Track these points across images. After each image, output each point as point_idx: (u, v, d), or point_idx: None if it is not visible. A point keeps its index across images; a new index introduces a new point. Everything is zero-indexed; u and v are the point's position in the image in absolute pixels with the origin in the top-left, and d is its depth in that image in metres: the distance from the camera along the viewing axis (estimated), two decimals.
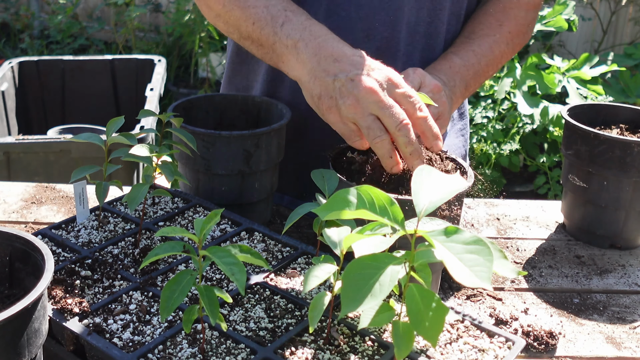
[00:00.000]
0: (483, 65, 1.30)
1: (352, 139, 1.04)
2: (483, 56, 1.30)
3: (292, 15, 1.13)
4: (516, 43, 1.36)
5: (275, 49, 1.13)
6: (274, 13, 1.13)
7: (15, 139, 2.49)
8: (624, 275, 1.25)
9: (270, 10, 1.13)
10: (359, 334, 0.89)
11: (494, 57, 1.32)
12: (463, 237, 0.69)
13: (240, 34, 1.19)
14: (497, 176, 3.49)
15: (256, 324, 0.90)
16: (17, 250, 0.89)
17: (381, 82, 1.02)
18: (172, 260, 1.04)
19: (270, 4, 1.15)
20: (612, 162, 1.25)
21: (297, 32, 1.10)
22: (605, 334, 1.08)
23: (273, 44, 1.13)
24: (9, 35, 5.78)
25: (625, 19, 4.76)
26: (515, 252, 1.31)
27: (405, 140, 1.00)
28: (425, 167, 0.77)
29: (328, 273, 0.82)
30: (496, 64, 1.34)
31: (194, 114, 1.30)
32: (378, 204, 0.73)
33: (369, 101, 1.00)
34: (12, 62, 3.34)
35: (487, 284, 0.65)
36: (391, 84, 1.03)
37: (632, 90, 3.55)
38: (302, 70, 1.09)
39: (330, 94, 1.04)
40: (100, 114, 3.49)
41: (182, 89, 4.82)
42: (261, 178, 1.23)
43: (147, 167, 1.06)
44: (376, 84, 1.01)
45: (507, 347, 0.88)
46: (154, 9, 5.22)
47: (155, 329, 0.88)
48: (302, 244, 1.08)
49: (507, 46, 1.34)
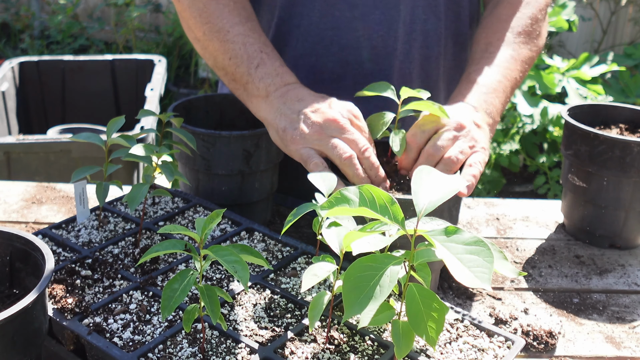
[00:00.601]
0: (510, 77, 1.23)
1: (310, 160, 1.04)
2: (507, 68, 1.23)
3: (267, 58, 1.17)
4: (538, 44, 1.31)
5: (247, 88, 1.17)
6: (250, 53, 1.17)
7: (15, 139, 2.49)
8: (624, 275, 1.25)
9: (247, 49, 1.17)
10: (359, 334, 0.89)
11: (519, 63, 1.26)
12: (463, 237, 0.69)
13: (216, 63, 1.22)
14: (497, 176, 3.48)
15: (256, 324, 0.90)
16: (17, 250, 0.90)
17: (342, 113, 1.07)
18: (172, 259, 1.04)
19: (248, 42, 1.18)
20: (612, 162, 1.25)
21: (270, 77, 1.15)
22: (605, 334, 1.08)
23: (246, 83, 1.17)
24: (9, 36, 5.78)
25: (625, 19, 4.76)
26: (515, 252, 1.31)
27: (369, 164, 1.04)
28: (424, 167, 0.77)
29: (327, 272, 0.82)
30: (523, 68, 1.27)
31: (194, 114, 1.30)
32: (379, 203, 0.73)
33: (332, 128, 1.05)
34: (12, 62, 3.34)
35: (487, 285, 0.65)
36: (353, 117, 1.08)
37: (632, 90, 3.55)
38: (269, 110, 1.13)
39: (294, 126, 1.08)
40: (100, 114, 3.49)
41: (182, 89, 4.82)
42: (261, 178, 1.23)
43: (147, 167, 1.06)
44: (338, 114, 1.07)
45: (507, 346, 0.89)
46: (154, 9, 5.22)
47: (155, 329, 0.88)
48: (302, 244, 1.08)
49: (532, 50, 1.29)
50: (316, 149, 1.05)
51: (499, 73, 1.21)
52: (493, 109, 1.17)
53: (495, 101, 1.18)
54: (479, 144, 1.07)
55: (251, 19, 1.22)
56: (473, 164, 1.04)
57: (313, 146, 1.05)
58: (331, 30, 1.29)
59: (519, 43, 1.26)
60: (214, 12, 1.20)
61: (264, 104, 1.14)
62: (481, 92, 1.17)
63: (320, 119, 1.06)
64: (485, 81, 1.19)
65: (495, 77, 1.20)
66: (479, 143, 1.08)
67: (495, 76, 1.20)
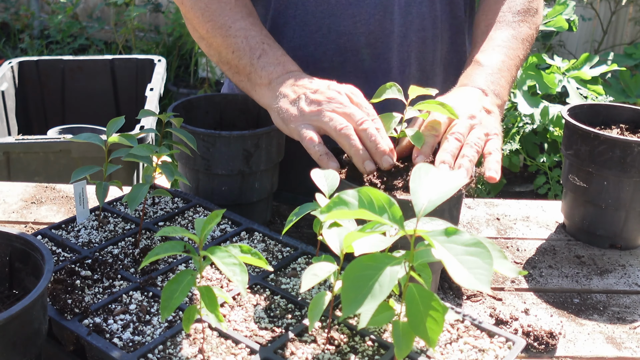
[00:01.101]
0: (513, 56, 1.27)
1: (306, 135, 1.07)
2: (510, 48, 1.27)
3: (268, 48, 1.21)
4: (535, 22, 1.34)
5: (251, 78, 1.21)
6: (252, 45, 1.21)
7: (15, 139, 2.49)
8: (624, 275, 1.25)
9: (249, 42, 1.21)
10: (359, 334, 0.89)
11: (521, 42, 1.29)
12: (463, 238, 0.69)
13: (220, 58, 1.27)
14: None
15: (256, 324, 0.90)
16: (17, 250, 0.89)
17: (340, 91, 1.11)
18: (172, 260, 1.04)
19: (250, 36, 1.22)
20: (612, 162, 1.25)
21: (272, 65, 1.19)
22: (606, 334, 1.08)
23: (249, 74, 1.21)
24: (9, 35, 5.78)
25: (625, 19, 4.76)
26: (515, 252, 1.31)
27: (367, 135, 1.04)
28: (423, 165, 0.76)
29: (327, 272, 0.82)
30: (525, 46, 1.30)
31: (194, 114, 1.30)
32: (377, 204, 0.73)
33: (331, 104, 1.08)
34: (12, 62, 3.33)
35: (487, 288, 0.65)
36: (351, 94, 1.10)
37: (632, 90, 3.54)
38: (271, 96, 1.16)
39: (294, 105, 1.11)
40: (100, 114, 3.48)
41: (182, 89, 4.82)
42: (261, 178, 1.23)
43: (147, 167, 1.06)
44: (336, 93, 1.10)
45: (507, 347, 0.88)
46: (154, 9, 5.21)
47: (155, 329, 0.88)
48: (302, 244, 1.08)
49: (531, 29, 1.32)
50: (314, 125, 1.08)
51: (502, 53, 1.25)
52: (500, 89, 1.20)
53: (501, 81, 1.21)
54: (492, 130, 1.10)
55: (252, 15, 1.27)
56: (493, 152, 1.06)
57: (311, 122, 1.08)
58: (328, 18, 1.31)
59: (518, 22, 1.30)
60: (215, 11, 1.25)
61: (267, 91, 1.18)
62: (487, 74, 1.21)
63: (319, 97, 1.09)
64: (490, 62, 1.23)
65: (499, 58, 1.24)
66: (492, 130, 1.10)
67: (499, 56, 1.24)
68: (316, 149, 1.06)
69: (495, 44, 1.26)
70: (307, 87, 1.13)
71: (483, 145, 1.07)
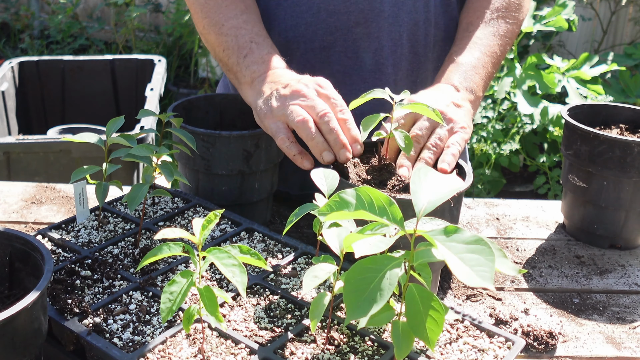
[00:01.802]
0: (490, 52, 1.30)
1: (277, 134, 1.10)
2: (486, 45, 1.30)
3: (255, 47, 1.23)
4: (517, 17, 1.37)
5: (238, 77, 1.24)
6: (240, 43, 1.24)
7: (15, 139, 2.49)
8: (624, 275, 1.25)
9: (238, 41, 1.24)
10: (359, 334, 0.89)
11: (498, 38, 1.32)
12: (463, 236, 0.69)
13: (215, 55, 1.30)
14: (497, 176, 3.48)
15: (256, 324, 0.90)
16: (17, 250, 0.90)
17: (308, 84, 1.12)
18: (172, 260, 1.03)
19: (240, 34, 1.25)
20: (612, 162, 1.25)
21: (256, 65, 1.21)
22: (605, 334, 1.08)
23: (236, 72, 1.24)
24: (9, 35, 5.78)
25: (625, 19, 4.76)
26: (515, 252, 1.31)
27: (327, 128, 1.07)
28: (422, 167, 0.77)
29: (328, 273, 0.82)
30: (503, 42, 1.33)
31: (194, 114, 1.30)
32: (377, 205, 0.73)
33: (294, 97, 1.10)
34: (12, 62, 3.33)
35: (490, 284, 0.65)
36: (318, 87, 1.12)
37: (632, 90, 3.54)
38: (253, 95, 1.19)
39: (267, 102, 1.13)
40: (100, 114, 3.48)
41: (182, 89, 4.82)
42: (261, 178, 1.23)
43: (147, 167, 1.06)
44: (303, 86, 1.12)
45: (507, 347, 0.88)
46: (154, 9, 5.21)
47: (155, 329, 0.88)
48: (302, 244, 1.08)
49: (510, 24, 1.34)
50: (282, 121, 1.10)
51: (477, 50, 1.29)
52: (473, 85, 1.25)
53: (475, 77, 1.26)
54: (457, 124, 1.14)
55: (247, 11, 1.29)
56: (451, 145, 1.10)
57: (279, 118, 1.11)
58: (318, 3, 1.31)
59: (496, 18, 1.34)
60: (212, 7, 1.28)
61: (250, 90, 1.21)
62: (461, 71, 1.25)
63: (287, 92, 1.12)
64: (465, 60, 1.27)
65: (474, 55, 1.28)
66: (458, 123, 1.14)
67: (474, 53, 1.28)
68: (289, 149, 1.09)
69: (472, 41, 1.30)
70: (280, 82, 1.15)
71: (442, 144, 1.10)
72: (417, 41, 1.37)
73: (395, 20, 1.33)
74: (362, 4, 1.31)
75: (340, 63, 1.34)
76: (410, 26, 1.34)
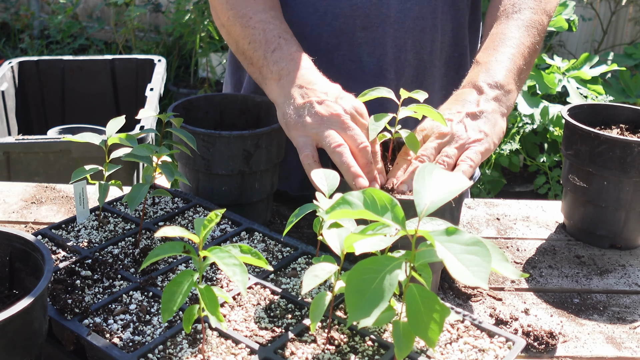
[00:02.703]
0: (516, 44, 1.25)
1: (304, 150, 1.07)
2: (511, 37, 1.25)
3: (284, 43, 1.21)
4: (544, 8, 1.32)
5: (262, 71, 1.21)
6: (268, 38, 1.21)
7: (15, 139, 2.49)
8: (624, 275, 1.25)
9: (266, 35, 1.22)
10: (359, 334, 0.89)
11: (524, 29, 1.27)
12: (463, 238, 0.69)
13: (237, 47, 1.27)
14: (497, 176, 3.48)
15: (256, 324, 0.90)
16: (17, 250, 0.89)
17: (346, 108, 1.09)
18: (172, 260, 1.03)
19: (268, 28, 1.22)
20: (612, 162, 1.25)
21: (284, 61, 1.18)
22: (606, 334, 1.08)
23: (261, 67, 1.21)
24: (9, 35, 5.78)
25: (625, 19, 4.76)
26: (515, 252, 1.31)
27: (364, 161, 1.05)
28: (427, 166, 0.76)
29: (328, 273, 0.82)
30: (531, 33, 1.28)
31: (194, 114, 1.30)
32: (380, 205, 0.73)
33: (332, 121, 1.08)
34: (12, 62, 3.33)
35: (484, 284, 0.66)
36: (356, 112, 1.10)
37: (632, 90, 3.54)
38: (280, 93, 1.16)
39: (299, 113, 1.11)
40: (100, 114, 3.48)
41: (182, 89, 4.82)
42: (261, 178, 1.23)
43: (147, 167, 1.06)
44: (341, 109, 1.09)
45: (507, 347, 0.88)
46: (154, 9, 5.21)
47: (155, 329, 0.88)
48: (302, 244, 1.08)
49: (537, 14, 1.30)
50: (312, 138, 1.08)
51: (501, 45, 1.24)
52: (501, 79, 1.18)
53: (501, 71, 1.19)
54: (473, 136, 1.10)
55: (274, 8, 1.28)
56: (461, 162, 1.07)
57: (311, 134, 1.08)
58: (323, 2, 1.31)
59: (519, 11, 1.29)
60: (239, 0, 1.27)
61: (276, 87, 1.17)
62: (484, 69, 1.20)
63: (324, 111, 1.09)
64: (487, 58, 1.22)
65: (499, 50, 1.23)
66: (474, 135, 1.10)
67: (499, 49, 1.23)
68: (309, 167, 1.06)
69: (495, 38, 1.26)
70: (313, 91, 1.12)
71: (452, 161, 1.08)
72: (422, 47, 1.36)
73: (400, 26, 1.33)
74: (368, 9, 1.31)
75: (343, 66, 1.34)
76: (416, 32, 1.34)
